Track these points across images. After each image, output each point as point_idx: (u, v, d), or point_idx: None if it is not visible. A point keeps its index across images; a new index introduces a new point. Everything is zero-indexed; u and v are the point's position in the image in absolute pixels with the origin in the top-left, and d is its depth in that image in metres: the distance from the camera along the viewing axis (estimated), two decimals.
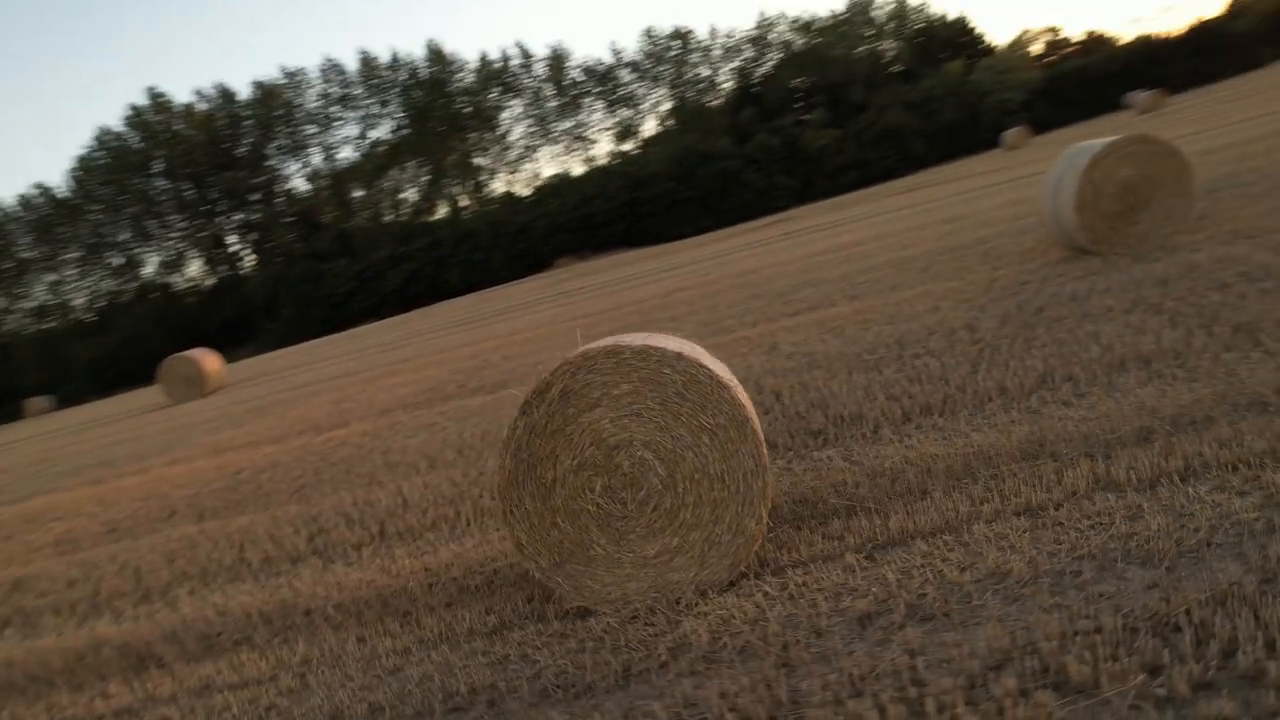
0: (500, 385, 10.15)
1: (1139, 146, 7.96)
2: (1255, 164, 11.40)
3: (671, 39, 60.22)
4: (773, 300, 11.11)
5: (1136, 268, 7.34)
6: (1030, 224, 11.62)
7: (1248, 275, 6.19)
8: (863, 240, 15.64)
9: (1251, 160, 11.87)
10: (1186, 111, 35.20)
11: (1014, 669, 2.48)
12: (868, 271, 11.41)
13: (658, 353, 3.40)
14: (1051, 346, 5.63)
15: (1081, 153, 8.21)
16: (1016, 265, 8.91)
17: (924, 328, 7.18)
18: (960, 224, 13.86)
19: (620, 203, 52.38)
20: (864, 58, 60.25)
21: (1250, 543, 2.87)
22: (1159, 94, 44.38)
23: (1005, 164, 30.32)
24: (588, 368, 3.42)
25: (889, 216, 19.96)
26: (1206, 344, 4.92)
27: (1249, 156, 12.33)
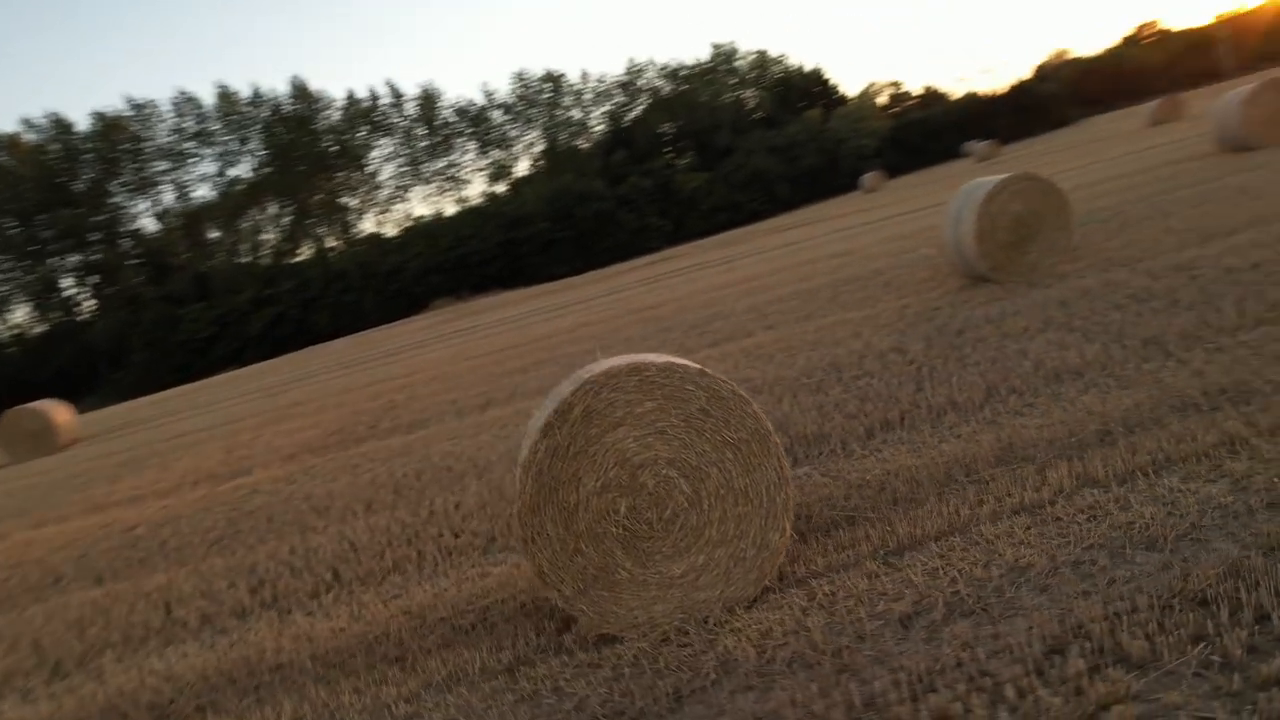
0: (418, 424, 9.79)
1: (1027, 184, 8.72)
2: (1103, 203, 12.71)
3: (543, 82, 60.97)
4: (687, 332, 11.31)
5: (1034, 292, 8.00)
6: (917, 256, 12.45)
7: (1135, 297, 6.88)
8: (758, 275, 16.23)
9: (1098, 200, 13.22)
10: (1018, 160, 38.75)
11: (1074, 651, 2.62)
12: (774, 303, 11.83)
13: (681, 369, 3.41)
14: (985, 364, 6.03)
15: (978, 188, 8.91)
16: (921, 293, 9.50)
17: (853, 352, 7.51)
18: (849, 258, 14.66)
19: (496, 243, 52.00)
20: (729, 104, 63.04)
21: (1235, 523, 3.17)
22: (993, 144, 48.72)
23: (870, 204, 32.36)
24: (611, 386, 3.38)
25: (777, 252, 20.82)
26: (1125, 356, 5.41)
27: (1095, 197, 13.73)
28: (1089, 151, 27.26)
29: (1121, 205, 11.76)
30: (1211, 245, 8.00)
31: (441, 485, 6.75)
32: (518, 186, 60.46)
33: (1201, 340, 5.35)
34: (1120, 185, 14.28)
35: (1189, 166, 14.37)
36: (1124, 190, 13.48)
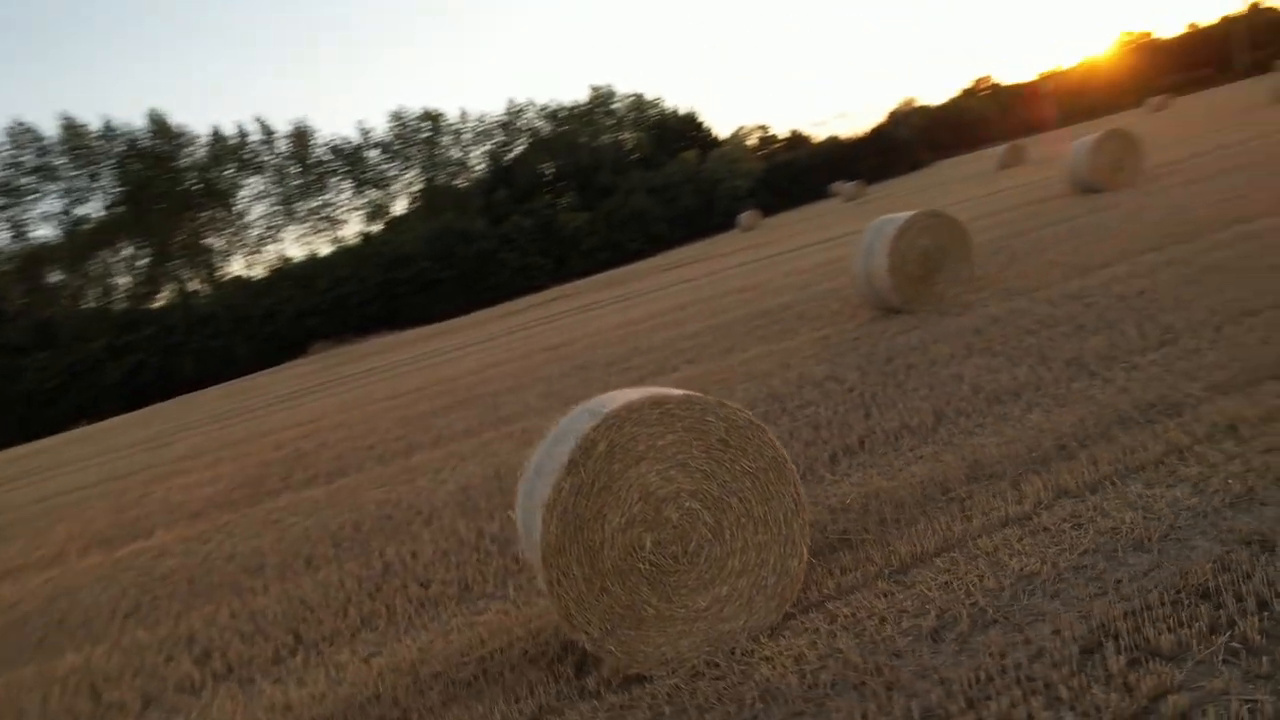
0: (337, 473, 9.32)
1: (932, 220, 9.34)
2: (985, 238, 13.73)
3: (421, 120, 60.14)
4: (607, 369, 11.33)
5: (946, 321, 8.53)
6: (821, 290, 13.03)
7: (1043, 323, 7.46)
8: (663, 311, 16.49)
9: (979, 235, 14.28)
10: (884, 200, 41.31)
11: (1109, 649, 2.80)
12: (690, 337, 12.06)
13: (700, 401, 3.45)
14: (925, 389, 6.37)
15: (888, 224, 9.45)
16: (837, 325, 9.94)
17: (788, 382, 7.76)
18: (754, 292, 15.15)
19: (375, 283, 50.48)
20: (608, 145, 64.20)
21: (1206, 522, 3.49)
22: (859, 184, 51.67)
23: (753, 241, 33.58)
24: (633, 420, 3.37)
25: (675, 289, 21.23)
26: (1054, 377, 5.86)
27: (976, 232, 14.81)
28: (951, 191, 29.43)
29: (1001, 240, 12.75)
30: (1093, 276, 8.80)
31: (387, 535, 6.45)
32: (396, 226, 59.06)
33: (1117, 360, 5.87)
34: (995, 221, 15.47)
35: (1051, 205, 15.77)
36: (999, 226, 14.61)
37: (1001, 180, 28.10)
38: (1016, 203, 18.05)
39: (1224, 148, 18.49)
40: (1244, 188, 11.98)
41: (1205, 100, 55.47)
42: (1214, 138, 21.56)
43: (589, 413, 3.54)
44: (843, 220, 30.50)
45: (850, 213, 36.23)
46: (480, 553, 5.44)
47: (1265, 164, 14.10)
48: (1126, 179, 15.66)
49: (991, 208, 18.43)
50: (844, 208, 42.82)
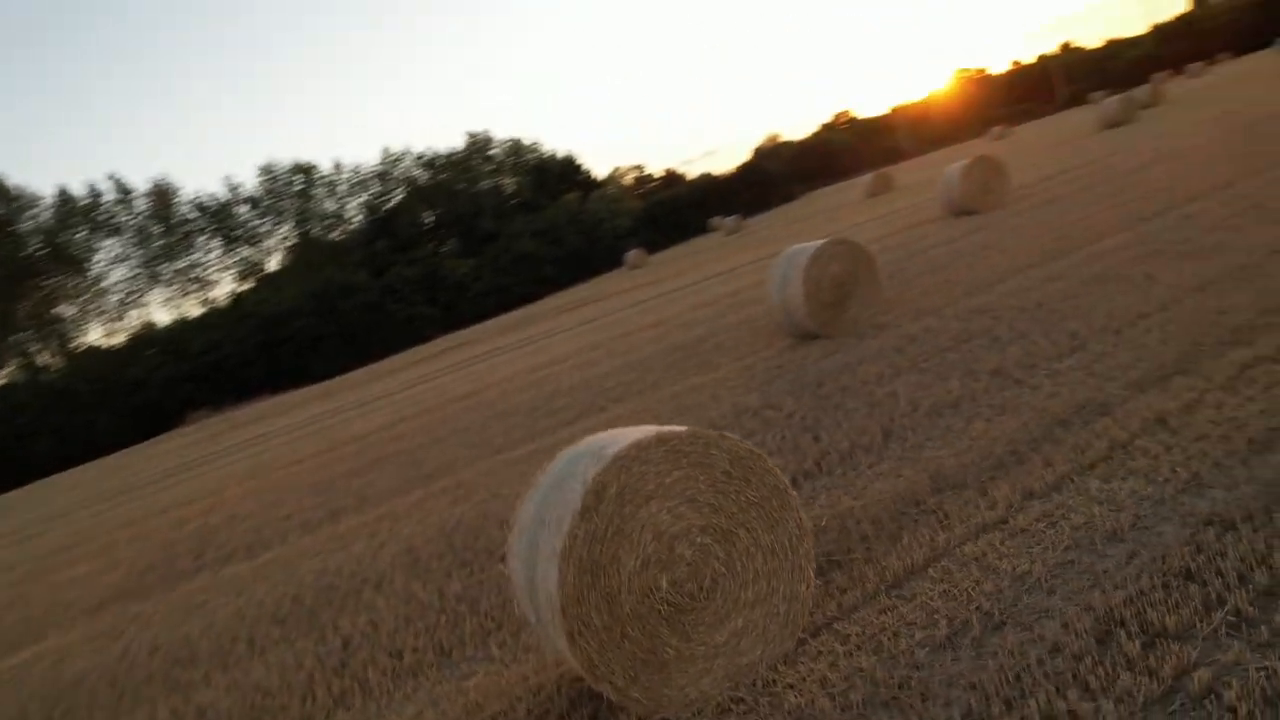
0: (259, 546, 8.76)
1: (841, 248, 9.79)
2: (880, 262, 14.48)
3: (293, 173, 58.18)
4: (531, 414, 11.19)
5: (865, 343, 8.92)
6: (731, 321, 13.36)
7: (957, 338, 7.92)
8: (574, 352, 16.47)
9: None
10: (765, 231, 42.94)
11: (1121, 636, 2.98)
12: (609, 376, 12.08)
13: (704, 435, 3.47)
14: (865, 409, 6.62)
15: (799, 253, 9.83)
16: (758, 354, 10.20)
17: (725, 414, 7.88)
18: (664, 328, 15.36)
19: (253, 344, 48.12)
20: (488, 191, 64.03)
21: (1167, 509, 3.78)
22: (738, 218, 53.49)
23: (644, 279, 34.08)
24: (641, 460, 3.35)
25: (583, 329, 21.26)
26: (985, 387, 6.22)
27: None
28: (830, 219, 30.92)
29: (894, 263, 13.47)
30: (990, 291, 9.43)
31: (336, 606, 6.09)
32: (272, 283, 56.60)
33: (1037, 368, 6.30)
34: (883, 246, 16.33)
35: (931, 228, 16.83)
36: (889, 250, 15.44)
37: (877, 207, 29.75)
38: (899, 227, 19.17)
39: (1067, 171, 20.29)
40: (1094, 206, 13.18)
41: (1037, 129, 60.78)
42: (1056, 163, 23.62)
43: (590, 456, 3.49)
44: (730, 253, 31.49)
45: (734, 245, 37.43)
46: (448, 614, 5.22)
47: (1104, 184, 15.58)
48: (995, 201, 16.92)
49: (876, 233, 19.46)
50: (727, 241, 44.20)
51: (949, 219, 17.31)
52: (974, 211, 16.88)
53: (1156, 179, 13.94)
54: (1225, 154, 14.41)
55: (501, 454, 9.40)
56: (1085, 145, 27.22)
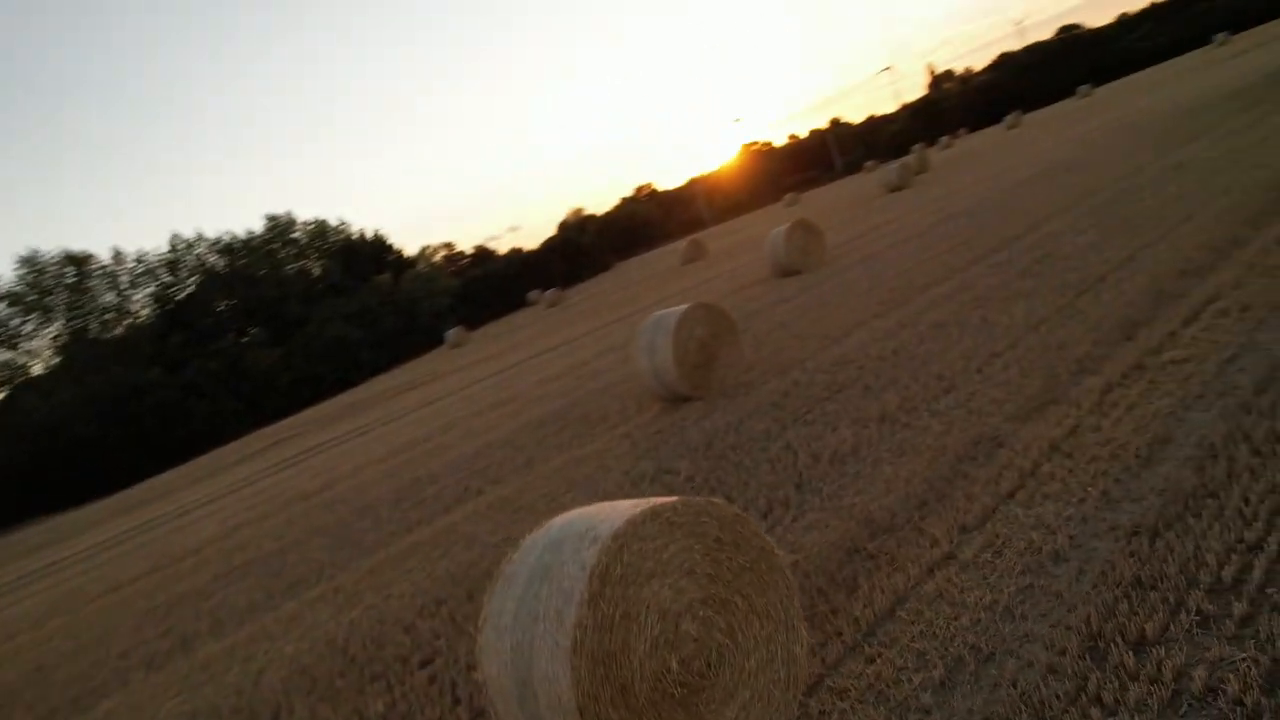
0: (90, 696, 7.46)
1: (704, 311, 10.12)
2: None
3: (63, 265, 52.17)
4: (396, 507, 10.50)
5: (739, 401, 9.20)
6: (589, 391, 13.35)
7: (830, 388, 8.36)
8: (424, 437, 15.72)
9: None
10: (588, 302, 43.69)
11: (1110, 649, 3.18)
12: (475, 457, 11.63)
13: (694, 503, 3.39)
14: (767, 464, 6.78)
15: (665, 319, 10.04)
16: (633, 421, 10.22)
17: (620, 483, 7.79)
18: (517, 404, 15.06)
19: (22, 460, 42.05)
20: (294, 275, 60.72)
21: (1095, 525, 4.12)
22: (557, 291, 54.09)
23: (473, 356, 33.45)
24: (638, 535, 3.21)
25: (422, 412, 20.36)
26: (876, 433, 6.58)
27: None
28: (655, 287, 31.99)
29: (740, 323, 14.10)
30: (845, 343, 10.10)
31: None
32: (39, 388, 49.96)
33: (918, 410, 6.76)
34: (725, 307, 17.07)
35: (763, 289, 17.85)
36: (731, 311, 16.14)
37: (698, 272, 31.17)
38: (732, 288, 20.15)
39: (871, 231, 22.39)
40: (909, 260, 14.59)
41: (825, 194, 66.71)
42: (857, 224, 26.01)
43: (578, 538, 3.30)
44: (558, 325, 31.70)
45: (559, 318, 37.75)
46: None
47: (909, 240, 17.32)
48: (815, 261, 18.28)
49: (711, 296, 20.33)
50: (550, 313, 44.49)
51: (777, 279, 18.45)
52: (798, 271, 18.12)
53: (954, 234, 15.68)
54: (1003, 211, 16.49)
55: (377, 552, 8.71)
56: (878, 207, 30.18)
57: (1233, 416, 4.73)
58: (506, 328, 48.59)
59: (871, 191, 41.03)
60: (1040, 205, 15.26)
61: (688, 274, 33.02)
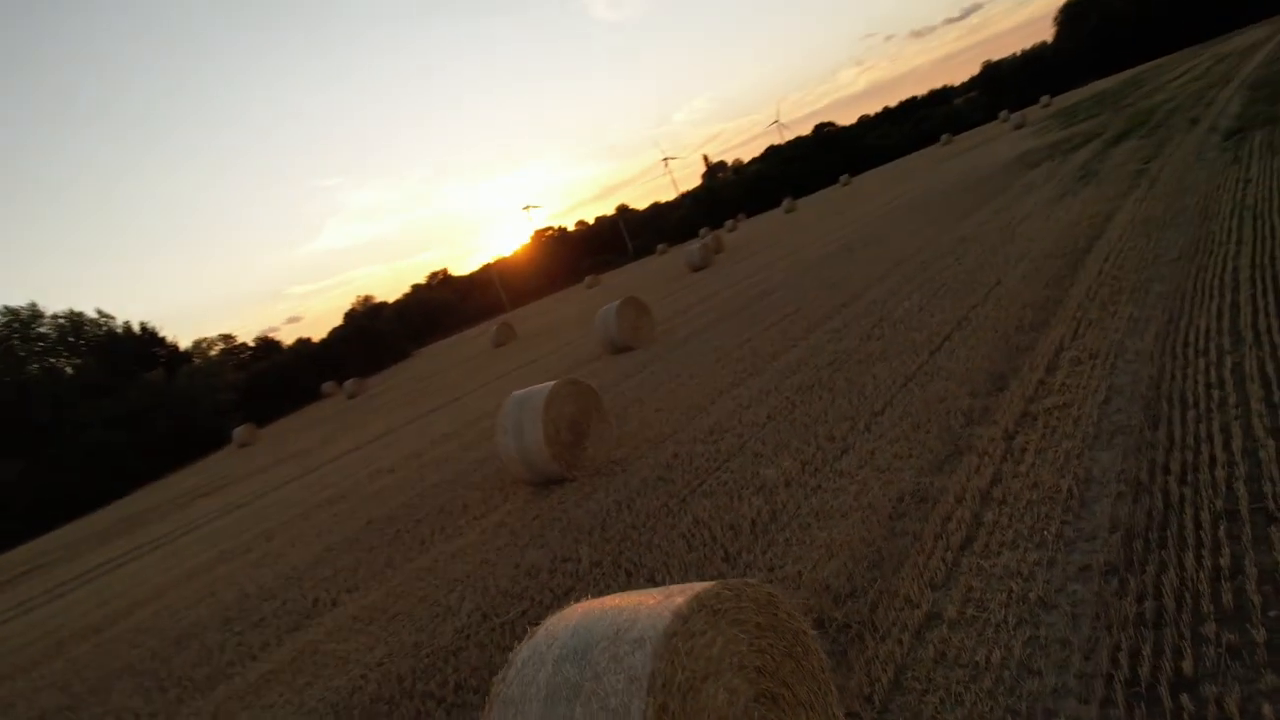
0: None
1: (571, 388, 9.73)
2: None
3: None
4: (225, 631, 8.94)
5: (619, 479, 8.81)
6: (438, 481, 12.37)
7: (716, 459, 8.23)
8: (240, 548, 13.72)
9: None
10: (391, 392, 41.62)
11: (1156, 691, 3.12)
12: (317, 564, 10.26)
13: (732, 586, 2.99)
14: (682, 541, 6.43)
15: (531, 398, 9.54)
16: (502, 507, 9.50)
17: (516, 576, 7.10)
18: (351, 501, 13.62)
19: None
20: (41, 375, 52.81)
21: (1060, 569, 4.17)
22: (356, 381, 51.13)
23: (271, 456, 30.44)
24: (689, 633, 2.75)
25: (223, 521, 17.90)
26: (790, 498, 6.47)
27: None
28: (472, 371, 31.00)
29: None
30: (711, 413, 10.08)
31: None
32: None
33: (823, 471, 6.76)
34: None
35: (602, 364, 17.72)
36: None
37: (518, 354, 30.61)
38: (566, 366, 19.82)
39: (692, 306, 23.15)
40: (743, 333, 15.12)
41: (625, 275, 68.82)
42: (674, 301, 26.86)
43: (611, 641, 2.78)
44: (367, 417, 29.77)
45: (365, 407, 35.57)
46: None
47: (734, 315, 18.06)
48: (645, 337, 18.50)
49: (545, 375, 19.90)
50: (354, 405, 41.84)
51: (611, 356, 18.43)
52: (630, 348, 18.23)
53: (778, 307, 16.51)
54: (819, 283, 17.66)
55: (215, 688, 7.28)
56: (686, 285, 31.42)
57: (1139, 452, 5.07)
58: (303, 422, 45.03)
59: (674, 271, 42.89)
60: (854, 277, 16.51)
61: (505, 357, 32.39)
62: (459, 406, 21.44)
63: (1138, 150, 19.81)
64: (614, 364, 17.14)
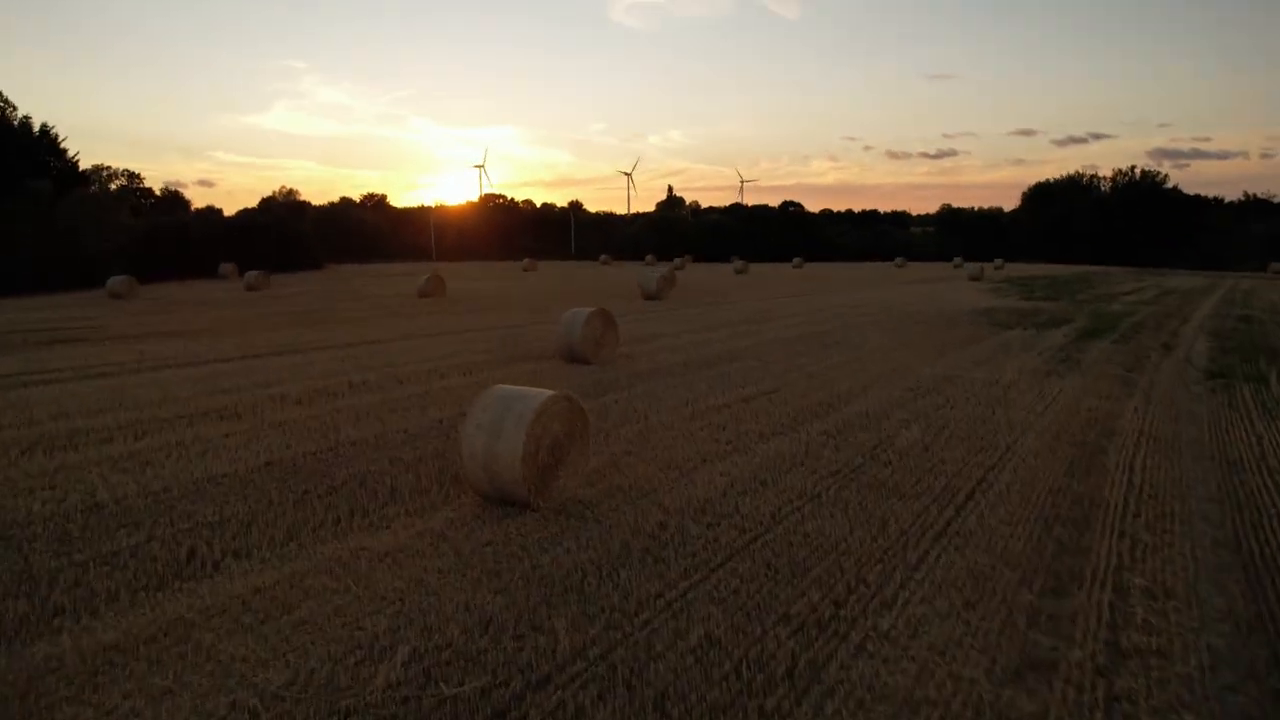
0: None
1: (565, 406, 8.43)
2: None
3: None
4: (77, 556, 7.16)
5: (590, 531, 7.52)
6: (352, 438, 10.76)
7: (715, 549, 7.13)
8: (100, 430, 11.60)
9: None
10: (299, 299, 38.58)
11: None
12: (199, 499, 8.51)
13: None
14: (676, 660, 5.28)
15: (521, 400, 8.15)
16: (445, 512, 8.07)
17: (471, 631, 5.77)
18: (249, 422, 11.73)
19: None
20: None
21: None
22: (263, 274, 47.41)
23: (152, 322, 27.34)
24: None
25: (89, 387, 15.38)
26: (821, 655, 5.44)
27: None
28: (394, 315, 28.80)
29: None
30: (695, 481, 8.99)
31: None
32: None
33: (855, 624, 5.77)
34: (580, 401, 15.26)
35: (552, 369, 16.37)
36: None
37: (446, 316, 28.65)
38: (506, 355, 18.27)
39: (653, 339, 22.06)
40: (721, 392, 14.16)
41: (567, 272, 67.17)
42: (631, 327, 25.72)
43: None
44: (266, 320, 27.09)
45: (265, 309, 32.73)
46: None
47: (707, 366, 17.09)
48: (607, 356, 17.30)
49: (482, 355, 18.30)
50: (250, 300, 38.57)
51: (565, 363, 17.11)
52: (586, 361, 16.98)
53: (752, 376, 15.64)
54: (791, 365, 16.92)
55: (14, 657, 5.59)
56: (641, 313, 30.33)
57: None
58: (191, 296, 41.18)
59: (624, 289, 41.78)
60: (833, 376, 15.82)
61: (431, 312, 30.36)
62: (378, 351, 19.52)
63: (1114, 354, 20.16)
64: (570, 374, 15.82)
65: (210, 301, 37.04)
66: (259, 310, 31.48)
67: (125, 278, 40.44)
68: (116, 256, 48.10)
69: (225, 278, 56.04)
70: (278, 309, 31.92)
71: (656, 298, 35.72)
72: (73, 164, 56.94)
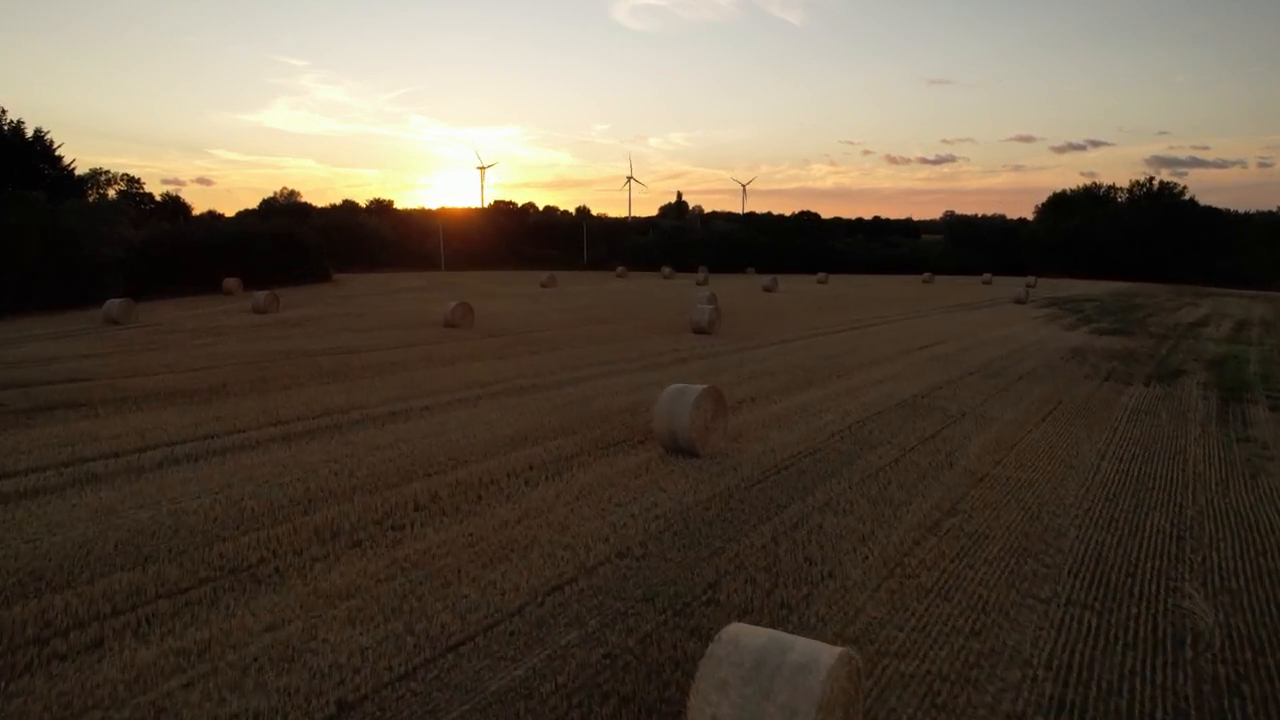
0: None
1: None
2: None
3: None
4: None
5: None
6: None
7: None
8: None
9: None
10: (310, 324, 35.62)
11: None
12: None
13: None
14: None
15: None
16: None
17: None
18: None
19: None
20: None
21: None
22: (270, 295, 44.51)
23: (143, 362, 24.26)
24: None
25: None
26: None
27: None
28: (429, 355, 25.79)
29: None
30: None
31: None
32: None
33: None
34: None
35: (652, 458, 13.32)
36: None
37: (488, 358, 25.58)
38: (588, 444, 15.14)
39: (752, 403, 19.00)
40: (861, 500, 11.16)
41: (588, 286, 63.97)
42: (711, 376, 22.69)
43: None
44: (285, 369, 23.96)
45: (273, 336, 29.69)
46: None
47: (829, 449, 14.06)
48: (714, 445, 14.21)
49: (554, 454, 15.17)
50: (262, 325, 35.55)
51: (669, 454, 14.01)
52: (694, 454, 13.81)
53: (897, 469, 12.64)
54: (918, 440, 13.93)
55: None
56: (707, 356, 27.32)
57: None
58: (197, 321, 38.11)
59: (662, 320, 38.83)
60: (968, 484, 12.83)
61: (468, 354, 27.19)
62: (429, 427, 16.30)
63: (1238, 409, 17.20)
64: (681, 476, 12.66)
65: (215, 330, 33.93)
66: (271, 346, 28.34)
67: (122, 301, 37.28)
68: (115, 271, 45.02)
69: (230, 294, 53.02)
70: (293, 345, 28.75)
71: (707, 331, 32.76)
72: (68, 171, 53.78)
